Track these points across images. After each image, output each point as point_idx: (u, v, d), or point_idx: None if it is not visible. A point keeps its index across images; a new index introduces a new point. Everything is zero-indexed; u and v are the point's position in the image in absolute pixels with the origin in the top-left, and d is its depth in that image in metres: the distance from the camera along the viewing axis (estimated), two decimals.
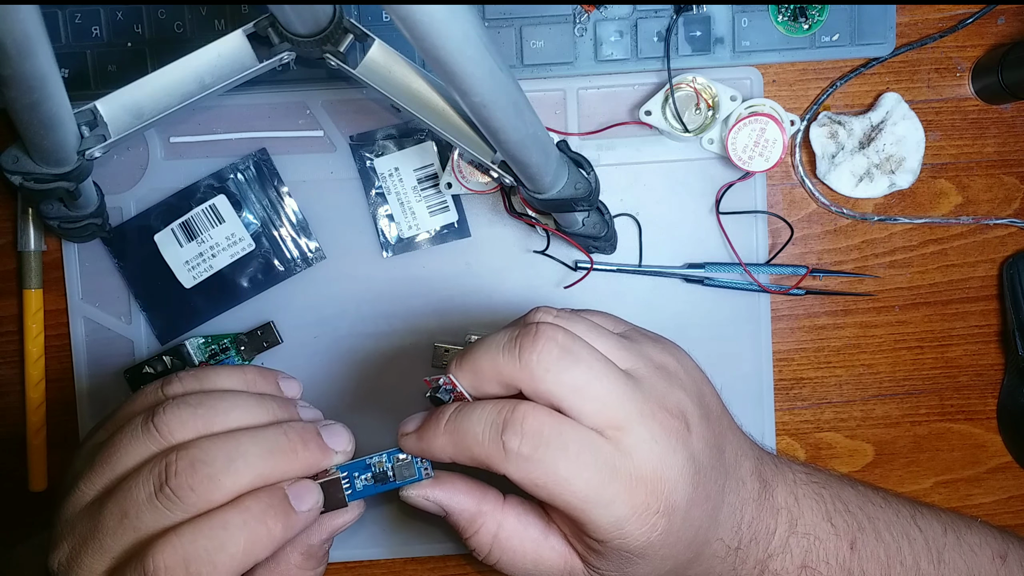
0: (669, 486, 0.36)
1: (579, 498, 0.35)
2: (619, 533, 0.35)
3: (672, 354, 0.40)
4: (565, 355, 0.35)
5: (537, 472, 0.35)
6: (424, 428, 0.38)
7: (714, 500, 0.38)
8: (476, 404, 0.36)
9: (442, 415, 0.37)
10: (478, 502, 0.39)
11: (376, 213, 0.51)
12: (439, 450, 0.37)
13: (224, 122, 0.51)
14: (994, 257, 0.54)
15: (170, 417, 0.36)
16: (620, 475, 0.35)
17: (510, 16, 0.49)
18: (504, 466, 0.35)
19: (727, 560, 0.40)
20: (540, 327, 0.36)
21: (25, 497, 0.52)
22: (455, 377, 0.37)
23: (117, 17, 0.49)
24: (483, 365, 0.37)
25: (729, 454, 0.40)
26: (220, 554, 0.34)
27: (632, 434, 0.35)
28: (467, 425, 0.36)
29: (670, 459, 0.36)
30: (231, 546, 0.34)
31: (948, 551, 0.43)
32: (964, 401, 0.54)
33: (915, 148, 0.51)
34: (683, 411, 0.37)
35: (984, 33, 0.52)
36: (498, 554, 0.38)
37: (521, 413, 0.35)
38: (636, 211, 0.52)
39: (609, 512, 0.35)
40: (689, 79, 0.49)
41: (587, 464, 0.35)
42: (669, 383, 0.38)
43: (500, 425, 0.35)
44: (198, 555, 0.34)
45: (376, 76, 0.40)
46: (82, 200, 0.44)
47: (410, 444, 0.38)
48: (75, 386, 0.52)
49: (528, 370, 0.35)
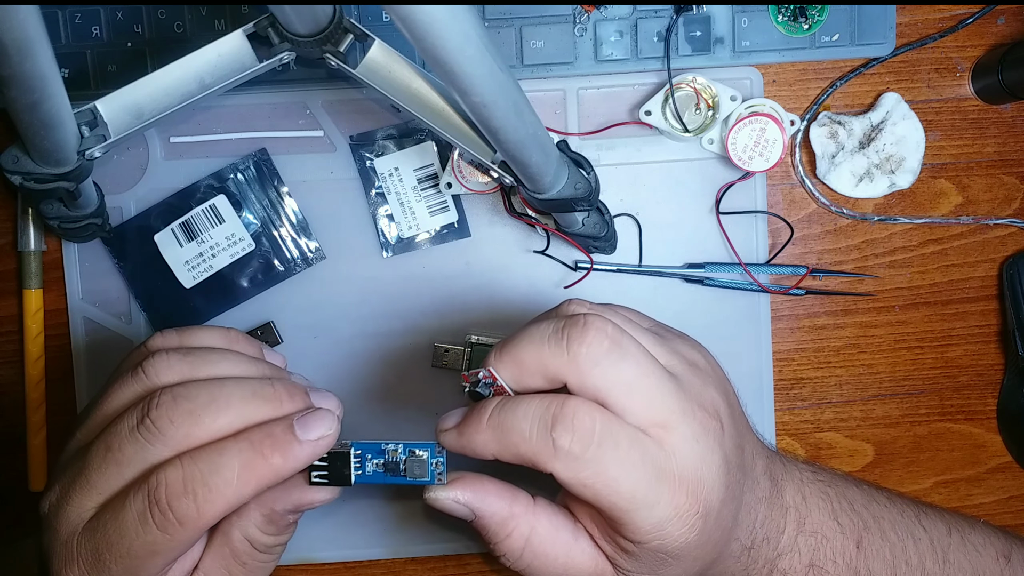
0: (707, 487, 0.35)
1: (625, 499, 0.34)
2: (659, 535, 0.34)
3: (700, 352, 0.39)
4: (615, 349, 0.34)
5: (587, 472, 0.33)
6: (466, 424, 0.36)
7: (737, 500, 0.38)
8: (521, 399, 0.35)
9: (484, 410, 0.35)
10: (510, 504, 0.37)
11: (376, 213, 0.51)
12: (482, 447, 0.35)
13: (224, 122, 0.51)
14: (994, 257, 0.54)
15: (158, 362, 0.37)
16: (665, 476, 0.34)
17: (510, 16, 0.49)
18: (552, 464, 0.34)
19: (741, 559, 0.39)
20: (589, 318, 0.35)
21: (25, 497, 0.52)
22: (495, 370, 0.36)
23: (117, 17, 0.49)
24: (526, 357, 0.35)
25: (747, 452, 0.39)
26: (215, 477, 0.34)
27: (675, 432, 0.34)
28: (512, 421, 0.34)
29: (708, 459, 0.35)
30: (227, 470, 0.34)
31: (953, 551, 0.43)
32: (964, 401, 0.54)
33: (915, 148, 0.51)
34: (717, 410, 0.37)
35: (984, 33, 0.52)
36: (529, 558, 0.37)
37: (572, 409, 0.34)
38: (636, 211, 0.52)
39: (652, 514, 0.34)
40: (689, 79, 0.49)
41: (636, 464, 0.34)
42: (703, 381, 0.37)
43: (549, 421, 0.34)
44: (194, 476, 0.34)
45: (376, 76, 0.40)
46: (82, 200, 0.44)
47: (450, 440, 0.36)
48: (75, 386, 0.52)
49: (576, 363, 0.34)
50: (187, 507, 0.33)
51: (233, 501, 0.34)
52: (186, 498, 0.33)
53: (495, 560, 0.54)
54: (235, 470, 0.34)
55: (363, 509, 0.53)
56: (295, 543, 0.52)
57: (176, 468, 0.34)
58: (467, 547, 0.53)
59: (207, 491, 0.34)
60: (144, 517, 0.34)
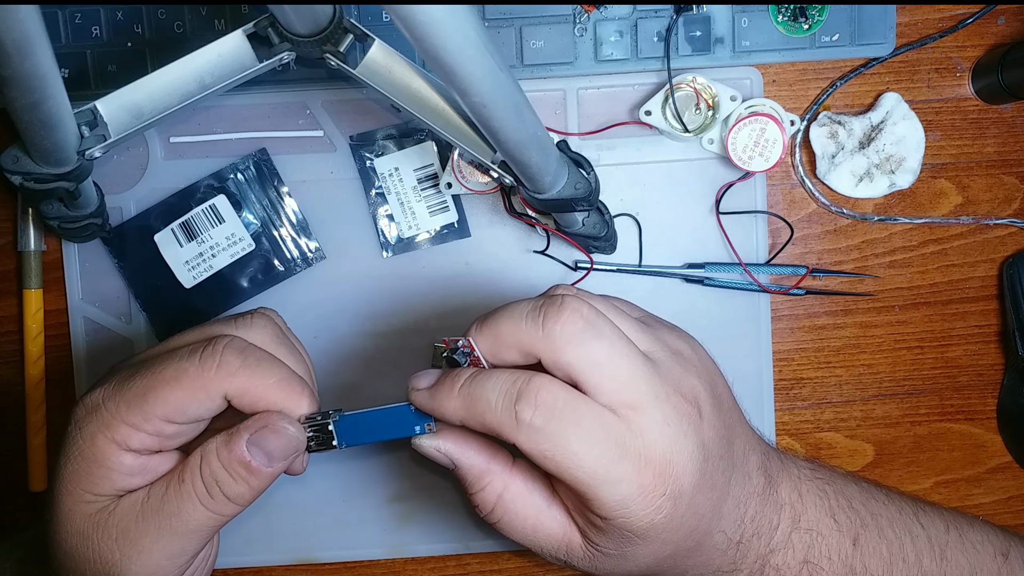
0: (677, 470, 0.36)
1: (587, 473, 0.35)
2: (623, 512, 0.35)
3: (687, 342, 0.40)
4: (589, 328, 0.36)
5: (547, 444, 0.35)
6: (438, 387, 0.37)
7: (720, 490, 0.38)
8: (492, 372, 0.36)
9: (458, 378, 0.37)
10: (488, 460, 0.39)
11: (376, 213, 0.51)
12: (451, 412, 0.37)
13: (224, 122, 0.51)
14: (994, 257, 0.54)
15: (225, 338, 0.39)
16: (630, 454, 0.35)
17: (510, 16, 0.49)
18: (515, 435, 0.35)
19: (728, 553, 0.40)
20: (566, 299, 0.36)
21: (25, 497, 0.52)
22: (474, 340, 0.37)
23: (117, 17, 0.49)
24: (504, 331, 0.37)
25: (738, 447, 0.40)
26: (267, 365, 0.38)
27: (646, 415, 0.35)
28: (481, 391, 0.36)
29: (680, 443, 0.36)
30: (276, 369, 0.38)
31: (950, 548, 0.43)
32: (964, 401, 0.54)
33: (915, 148, 0.51)
34: (696, 397, 0.37)
35: (984, 33, 0.52)
36: (500, 514, 0.39)
37: (536, 385, 0.35)
38: (636, 211, 0.52)
39: (616, 490, 0.35)
40: (689, 79, 0.49)
41: (598, 440, 0.35)
42: (684, 368, 0.38)
43: (514, 394, 0.35)
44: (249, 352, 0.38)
45: (376, 76, 0.40)
46: (82, 200, 0.44)
47: (421, 399, 0.38)
48: (75, 386, 0.52)
49: (550, 339, 0.35)
50: (233, 359, 0.37)
51: (261, 391, 0.37)
52: (237, 355, 0.37)
53: (495, 560, 0.54)
54: (276, 377, 0.38)
55: (363, 509, 0.53)
56: (295, 543, 0.52)
57: (241, 341, 0.38)
58: (467, 547, 0.53)
59: (256, 364, 0.37)
60: (194, 351, 0.37)
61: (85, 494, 0.37)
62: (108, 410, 0.36)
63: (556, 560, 0.39)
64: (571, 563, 0.39)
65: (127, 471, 0.37)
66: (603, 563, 0.38)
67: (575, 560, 0.39)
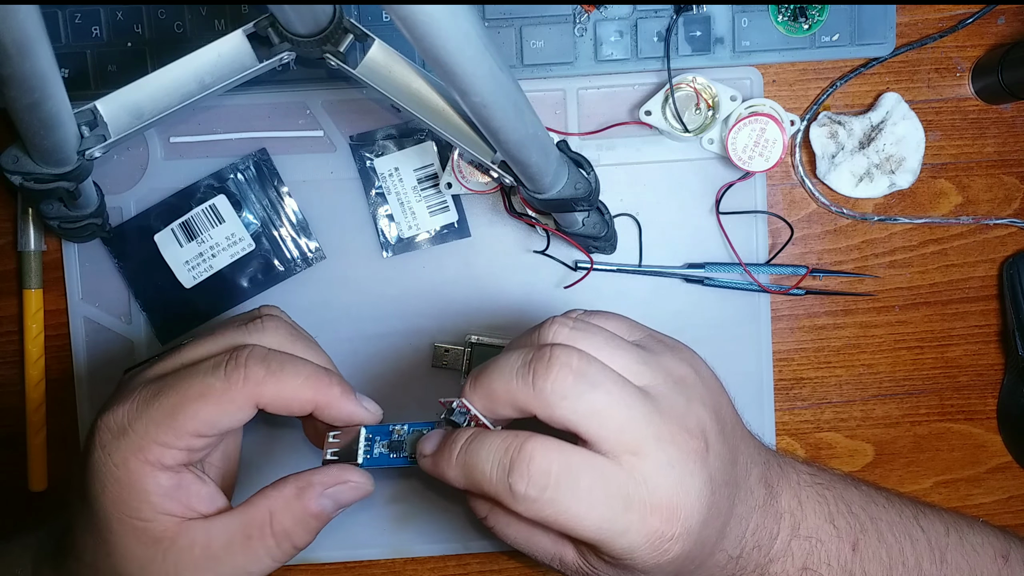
0: (685, 512, 0.35)
1: (592, 531, 0.34)
2: (631, 557, 0.35)
3: (690, 364, 0.39)
4: (580, 381, 0.35)
5: (547, 511, 0.34)
6: (439, 455, 0.37)
7: (724, 516, 0.38)
8: (486, 438, 0.36)
9: (455, 444, 0.37)
10: None
11: (376, 213, 0.51)
12: (453, 479, 0.37)
13: (224, 122, 0.51)
14: (994, 257, 0.54)
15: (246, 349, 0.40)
16: (634, 505, 0.34)
17: (510, 16, 0.49)
18: (514, 506, 0.35)
19: (727, 568, 0.39)
20: (553, 351, 0.35)
21: (25, 497, 0.52)
22: (468, 401, 0.37)
23: (117, 17, 0.49)
24: (496, 390, 0.36)
25: (741, 464, 0.39)
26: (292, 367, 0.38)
27: (648, 459, 0.35)
28: (475, 461, 0.36)
29: (687, 483, 0.35)
30: (302, 367, 0.38)
31: (951, 551, 0.43)
32: (964, 401, 0.54)
33: (915, 148, 0.51)
34: (703, 429, 0.37)
35: (984, 33, 0.52)
36: (494, 521, 0.39)
37: (528, 453, 0.34)
38: (636, 211, 0.52)
39: (623, 540, 0.34)
40: (689, 79, 0.49)
41: (599, 499, 0.34)
42: (688, 399, 0.37)
43: (507, 465, 0.35)
44: (273, 358, 0.38)
45: (376, 76, 0.40)
46: (82, 200, 0.44)
47: (427, 465, 0.38)
48: (75, 386, 0.52)
49: (542, 398, 0.35)
50: (259, 370, 0.37)
51: (291, 393, 0.38)
52: (261, 364, 0.37)
53: (495, 560, 0.54)
54: (303, 375, 0.38)
55: (363, 509, 0.53)
56: None
57: (261, 348, 0.38)
58: (467, 547, 0.53)
59: (280, 370, 0.38)
60: (218, 365, 0.37)
61: (133, 520, 0.36)
62: (137, 432, 0.36)
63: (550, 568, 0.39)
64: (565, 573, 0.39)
65: (164, 492, 0.37)
66: None
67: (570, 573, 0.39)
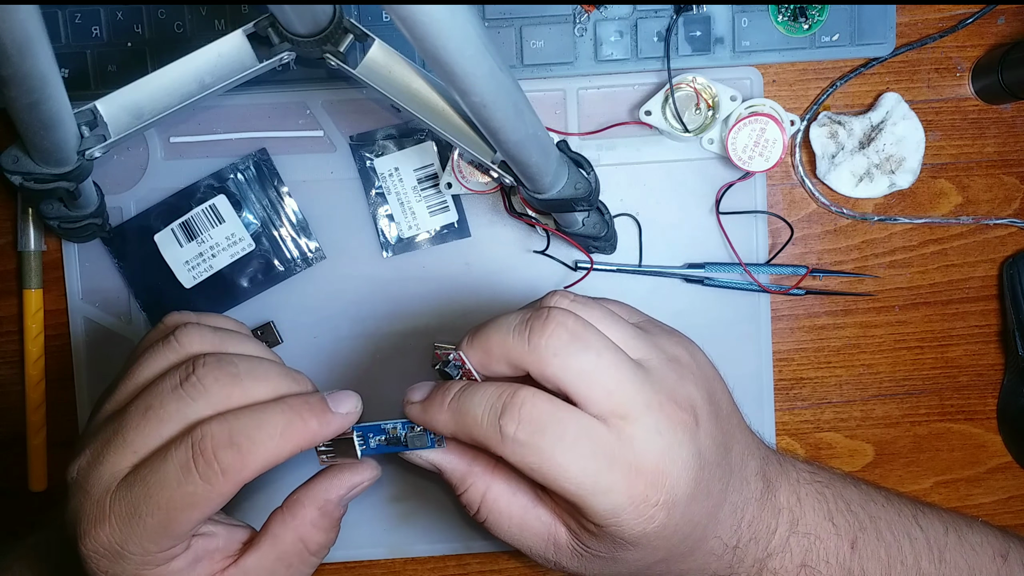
0: (671, 480, 0.36)
1: (574, 484, 0.35)
2: (615, 520, 0.35)
3: (686, 348, 0.40)
4: (574, 341, 0.36)
5: (533, 457, 0.35)
6: (429, 401, 0.38)
7: (716, 498, 0.38)
8: (480, 385, 0.37)
9: (448, 392, 0.37)
10: (469, 463, 0.40)
11: (376, 213, 0.51)
12: (441, 425, 0.37)
13: (224, 122, 0.51)
14: (994, 257, 0.54)
15: (191, 332, 0.39)
16: (618, 464, 0.35)
17: (510, 16, 0.49)
18: (501, 449, 0.35)
19: (724, 558, 0.40)
20: (552, 311, 0.36)
21: (25, 497, 0.52)
22: (464, 354, 0.38)
23: (117, 17, 0.49)
24: (493, 345, 0.37)
25: (736, 453, 0.39)
26: (260, 432, 0.36)
27: (636, 424, 0.35)
28: (468, 406, 0.36)
29: (674, 452, 0.36)
30: (270, 426, 0.36)
31: (949, 550, 0.43)
32: (964, 401, 0.54)
33: (915, 148, 0.51)
34: (693, 405, 0.37)
35: (984, 33, 0.52)
36: (485, 513, 0.39)
37: (520, 399, 0.35)
38: (636, 211, 0.52)
39: (606, 499, 0.35)
40: (689, 79, 0.49)
41: (584, 452, 0.35)
42: (680, 376, 0.38)
43: (499, 409, 0.35)
44: (238, 429, 0.35)
45: (376, 76, 0.40)
46: (82, 200, 0.44)
47: (414, 412, 0.39)
48: (75, 386, 0.52)
49: (536, 354, 0.36)
50: (232, 458, 0.35)
51: (273, 457, 0.36)
52: (231, 449, 0.35)
53: (495, 560, 0.54)
54: (277, 427, 0.36)
55: (363, 509, 0.53)
56: None
57: (221, 422, 0.35)
58: (467, 547, 0.53)
59: (251, 444, 0.35)
60: (187, 467, 0.35)
61: None
62: (134, 552, 0.35)
63: (545, 561, 0.40)
64: (560, 563, 0.39)
65: (186, 570, 0.37)
66: (592, 565, 0.38)
67: (563, 560, 0.39)
